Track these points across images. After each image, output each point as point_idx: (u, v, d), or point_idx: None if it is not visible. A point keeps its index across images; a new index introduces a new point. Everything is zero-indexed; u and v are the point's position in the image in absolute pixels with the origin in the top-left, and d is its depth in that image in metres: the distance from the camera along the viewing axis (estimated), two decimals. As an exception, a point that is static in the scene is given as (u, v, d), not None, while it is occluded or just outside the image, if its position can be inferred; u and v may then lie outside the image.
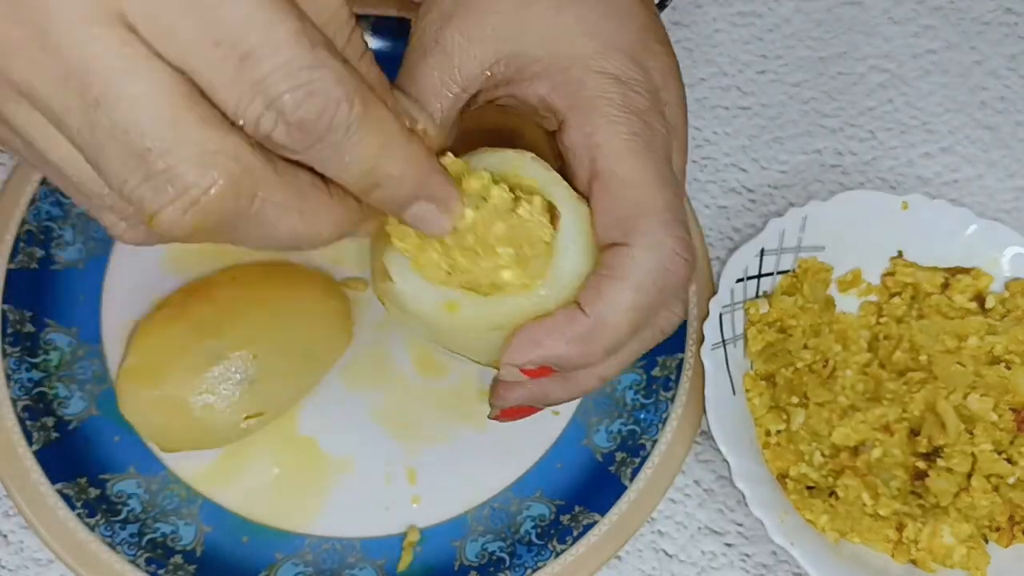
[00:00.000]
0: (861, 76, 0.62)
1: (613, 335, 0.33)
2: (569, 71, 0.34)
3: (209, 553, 0.45)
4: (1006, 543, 0.47)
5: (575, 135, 0.34)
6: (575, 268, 0.33)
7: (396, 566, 0.46)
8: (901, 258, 0.53)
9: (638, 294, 0.33)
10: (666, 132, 0.35)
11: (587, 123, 0.34)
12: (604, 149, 0.34)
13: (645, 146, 0.34)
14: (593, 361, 0.34)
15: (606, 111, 0.34)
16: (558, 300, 0.33)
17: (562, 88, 0.35)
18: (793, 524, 0.45)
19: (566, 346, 0.33)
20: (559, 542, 0.46)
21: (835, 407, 0.49)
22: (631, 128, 0.34)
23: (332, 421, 0.49)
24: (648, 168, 0.33)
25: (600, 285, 0.33)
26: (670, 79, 0.36)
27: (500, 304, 0.33)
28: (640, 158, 0.33)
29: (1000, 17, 0.65)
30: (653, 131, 0.34)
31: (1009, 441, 0.48)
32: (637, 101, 0.34)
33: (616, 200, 0.33)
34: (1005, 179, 0.60)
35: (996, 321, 0.51)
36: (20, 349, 0.47)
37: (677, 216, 0.33)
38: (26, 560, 0.45)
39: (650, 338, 0.36)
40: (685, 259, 0.33)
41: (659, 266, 0.33)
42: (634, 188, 0.33)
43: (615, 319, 0.33)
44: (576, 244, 0.33)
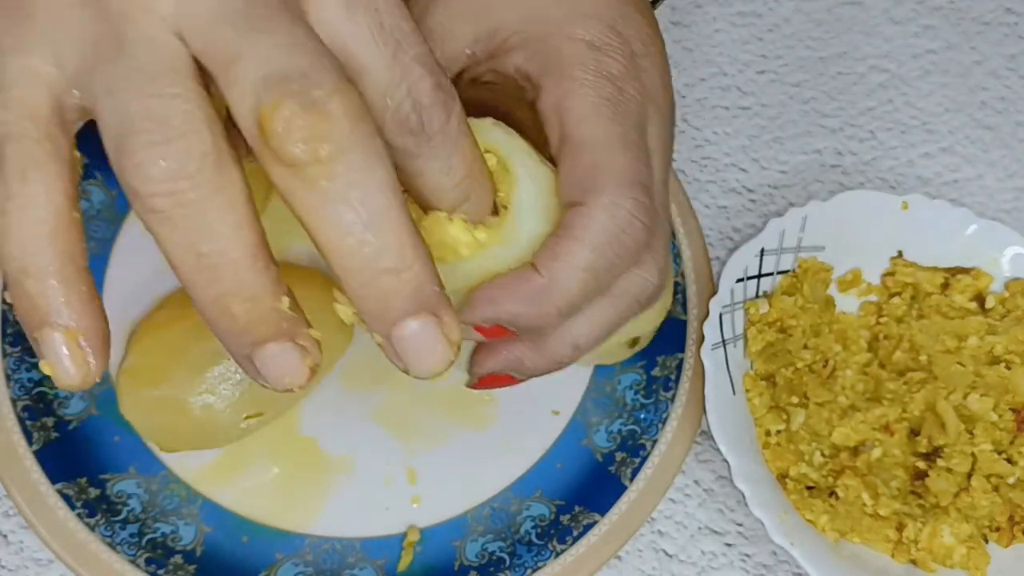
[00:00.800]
0: (861, 76, 0.62)
1: (566, 295, 0.33)
2: (544, 40, 0.35)
3: (209, 553, 0.45)
4: (1006, 543, 0.47)
5: (547, 100, 0.34)
6: (533, 229, 0.33)
7: (396, 566, 0.46)
8: (901, 258, 0.53)
9: (593, 254, 0.32)
10: (640, 98, 0.35)
11: (557, 87, 0.34)
12: (572, 112, 0.33)
13: (613, 110, 0.34)
14: (548, 322, 0.33)
15: (577, 75, 0.34)
16: (515, 261, 0.33)
17: (538, 56, 0.35)
18: (793, 524, 0.45)
19: (519, 304, 0.32)
20: (559, 542, 0.46)
21: (835, 407, 0.49)
22: (601, 92, 0.34)
23: (332, 421, 0.49)
24: (612, 131, 0.33)
25: (555, 245, 0.33)
26: (650, 46, 0.36)
27: (456, 267, 0.33)
28: (604, 120, 0.33)
29: (1000, 17, 0.65)
30: (626, 96, 0.34)
31: (1009, 441, 0.48)
32: (611, 66, 0.34)
33: (577, 161, 0.33)
34: (1005, 179, 0.60)
35: (996, 321, 0.51)
36: (20, 349, 0.47)
37: (637, 179, 0.33)
38: (26, 560, 0.45)
39: (626, 307, 0.35)
40: (642, 222, 0.33)
41: (614, 227, 0.32)
42: (595, 150, 0.33)
43: (568, 278, 0.32)
44: (535, 205, 0.33)
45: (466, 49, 0.36)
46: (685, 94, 0.60)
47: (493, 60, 0.36)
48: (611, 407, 0.50)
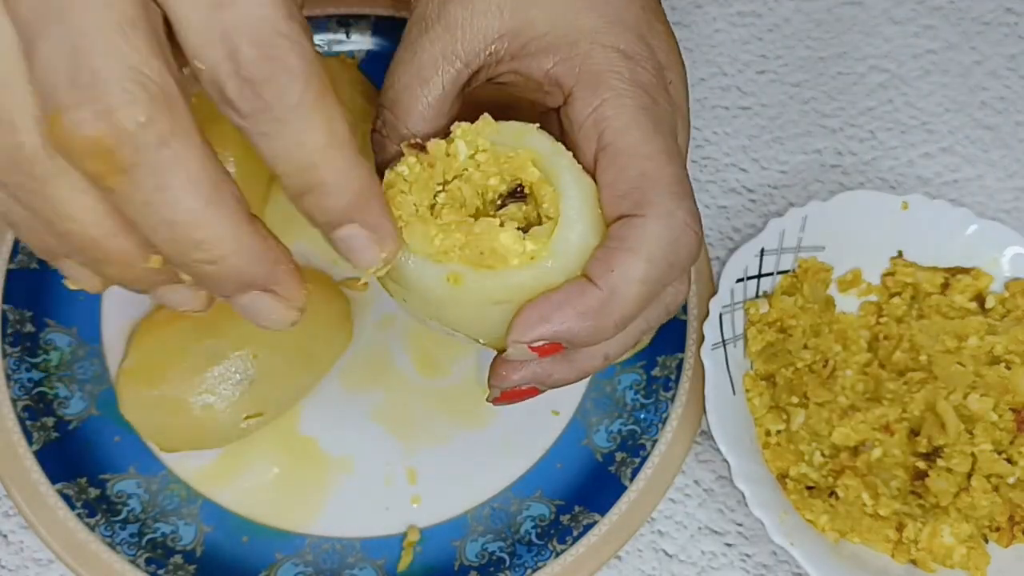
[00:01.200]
0: (861, 76, 0.62)
1: (625, 308, 0.32)
2: (576, 45, 0.34)
3: (209, 553, 0.45)
4: (1006, 543, 0.47)
5: (582, 108, 0.34)
6: (582, 240, 0.32)
7: (396, 566, 0.46)
8: (901, 258, 0.53)
9: (650, 266, 0.32)
10: (671, 109, 0.35)
11: (594, 96, 0.33)
12: (612, 122, 0.33)
13: (652, 119, 0.33)
14: (604, 336, 0.33)
15: (614, 84, 0.33)
16: (564, 274, 0.32)
17: (569, 62, 0.34)
18: (793, 524, 0.45)
19: (576, 320, 0.32)
20: (559, 542, 0.46)
21: (835, 407, 0.49)
22: (639, 102, 0.33)
23: (332, 421, 0.49)
24: (656, 141, 0.33)
25: (611, 257, 0.32)
26: (673, 58, 0.36)
27: (504, 276, 0.32)
28: (647, 131, 0.33)
29: (1000, 17, 0.65)
30: (659, 106, 0.34)
31: (1009, 441, 0.48)
32: (644, 76, 0.34)
33: (624, 172, 0.33)
34: (1005, 179, 0.60)
35: (996, 321, 0.51)
36: (20, 349, 0.47)
37: (686, 188, 0.33)
38: (26, 560, 0.45)
39: (655, 316, 0.35)
40: (695, 231, 0.33)
41: (671, 237, 0.32)
42: (643, 160, 0.33)
43: (626, 291, 0.32)
44: (582, 216, 0.32)
45: (490, 46, 0.35)
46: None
47: (516, 61, 0.35)
48: (611, 407, 0.50)
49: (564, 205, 0.32)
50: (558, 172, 0.33)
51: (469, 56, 0.35)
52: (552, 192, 0.33)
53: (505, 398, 0.37)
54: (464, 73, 0.35)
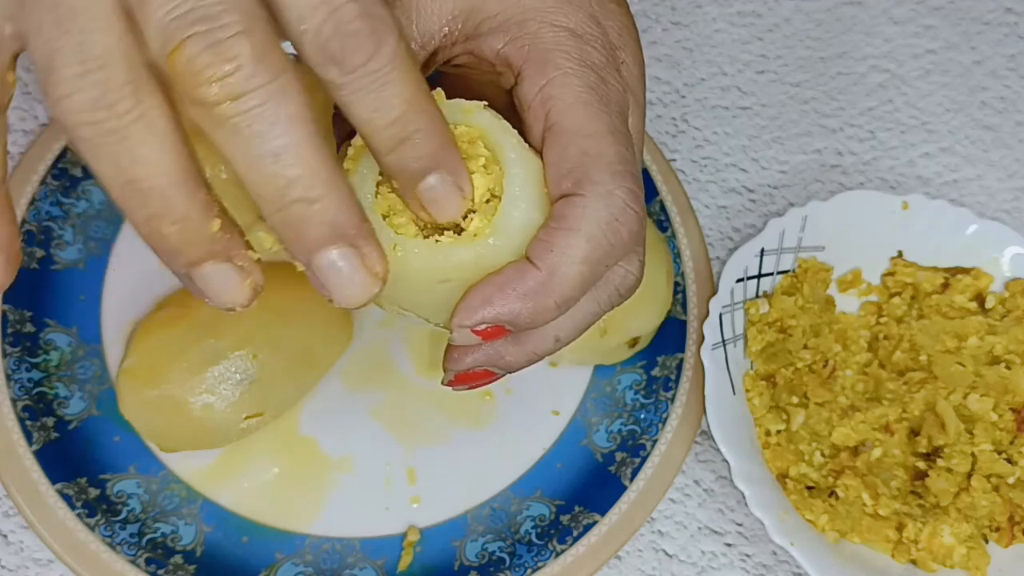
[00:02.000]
0: (861, 76, 0.62)
1: (565, 288, 0.32)
2: (525, 24, 0.34)
3: (209, 553, 0.45)
4: (1006, 543, 0.47)
5: (529, 87, 0.34)
6: (525, 218, 0.32)
7: (396, 566, 0.46)
8: (901, 258, 0.53)
9: (589, 245, 0.32)
10: (622, 89, 0.34)
11: (541, 75, 0.33)
12: (557, 101, 0.33)
13: (599, 99, 0.33)
14: (545, 318, 0.33)
15: (561, 63, 0.33)
16: (508, 252, 0.32)
17: (518, 41, 0.34)
18: (793, 524, 0.45)
19: (517, 302, 0.32)
20: (559, 542, 0.46)
21: (835, 407, 0.49)
22: (586, 81, 0.33)
23: (332, 421, 0.49)
24: (600, 119, 0.33)
25: (550, 237, 0.32)
26: (627, 38, 0.36)
27: (447, 253, 0.32)
28: (592, 110, 0.33)
29: (1000, 17, 0.65)
30: (608, 86, 0.34)
31: (1009, 441, 0.48)
32: (593, 56, 0.34)
33: (567, 150, 0.32)
34: (1005, 179, 0.60)
35: (996, 321, 0.51)
36: (20, 349, 0.47)
37: (628, 168, 0.33)
38: (26, 560, 0.45)
39: (606, 298, 0.35)
40: (635, 211, 0.32)
41: (610, 216, 0.32)
42: (585, 139, 0.32)
43: (566, 272, 0.32)
44: (526, 194, 0.32)
45: (443, 27, 0.35)
46: (685, 94, 0.60)
47: (470, 42, 0.35)
48: (611, 407, 0.50)
49: (508, 183, 0.32)
50: (503, 150, 0.33)
51: (424, 38, 0.35)
52: (498, 171, 0.33)
53: (460, 381, 0.36)
54: (421, 55, 0.35)
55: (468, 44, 0.35)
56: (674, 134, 0.59)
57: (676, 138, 0.59)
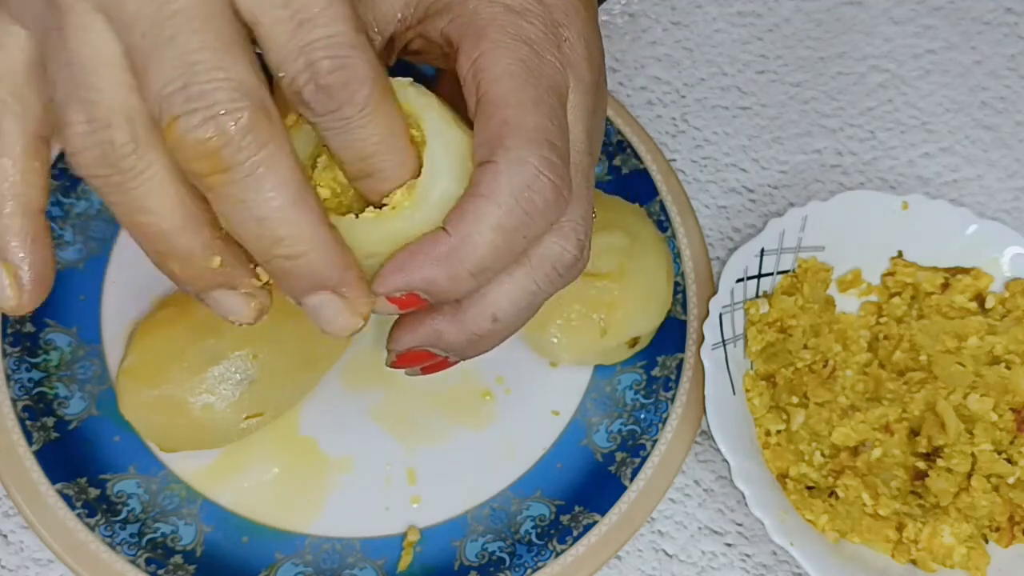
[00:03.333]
0: (861, 76, 0.62)
1: (476, 254, 0.32)
2: (466, 3, 0.35)
3: (209, 553, 0.45)
4: (1006, 543, 0.47)
5: (464, 61, 0.34)
6: (445, 191, 0.32)
7: (396, 566, 0.46)
8: (901, 258, 0.53)
9: (500, 211, 0.31)
10: (560, 66, 0.34)
11: (475, 49, 0.34)
12: (486, 73, 0.33)
13: (527, 71, 0.33)
14: (461, 286, 0.33)
15: (494, 37, 0.34)
16: (429, 225, 0.32)
17: (459, 19, 0.35)
18: (793, 524, 0.45)
19: (429, 268, 0.32)
20: (559, 542, 0.46)
21: (835, 407, 0.49)
22: (516, 54, 0.33)
23: (332, 421, 0.49)
24: (525, 91, 0.33)
25: (463, 204, 0.32)
26: (573, 17, 0.36)
27: (369, 228, 0.32)
28: (518, 81, 0.33)
29: (1000, 17, 0.65)
30: (543, 61, 0.34)
31: (1009, 441, 0.48)
32: (529, 31, 0.34)
33: (490, 120, 0.32)
34: (1005, 179, 0.60)
35: (996, 321, 0.51)
36: (20, 349, 0.47)
37: (546, 136, 0.32)
38: (26, 560, 0.45)
39: (543, 276, 0.34)
40: (550, 179, 0.32)
41: (521, 183, 0.32)
42: (507, 108, 0.32)
43: (478, 238, 0.32)
44: (447, 167, 0.32)
45: (397, 13, 0.36)
46: (685, 94, 0.60)
47: (421, 25, 0.36)
48: (611, 407, 0.50)
49: (427, 157, 0.32)
50: (425, 124, 0.33)
51: (382, 24, 0.36)
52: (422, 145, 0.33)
53: (402, 362, 0.37)
54: (378, 41, 0.36)
55: (420, 27, 0.36)
56: (674, 134, 0.59)
57: (676, 138, 0.59)
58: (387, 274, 0.32)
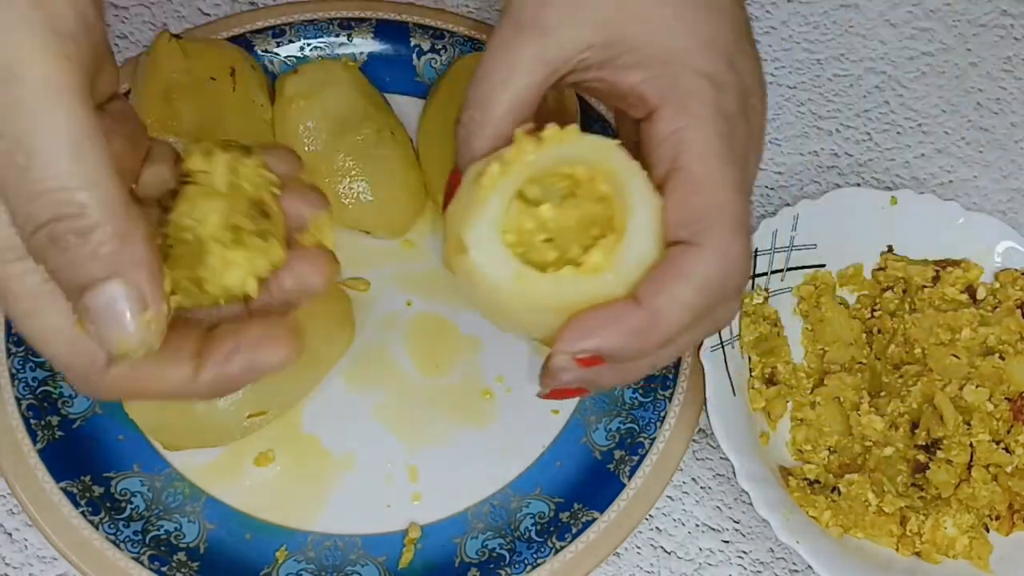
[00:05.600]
0: (857, 78, 0.62)
1: (669, 331, 0.33)
2: (668, 64, 0.35)
3: (212, 550, 0.45)
4: (1006, 531, 0.47)
5: (664, 128, 0.34)
6: (641, 258, 0.33)
7: (397, 563, 0.46)
8: (891, 253, 0.53)
9: (699, 294, 0.33)
10: (747, 135, 0.36)
11: (678, 118, 0.34)
12: (690, 147, 0.34)
13: (729, 150, 0.34)
14: (646, 354, 0.34)
15: (698, 110, 0.34)
16: (621, 286, 0.34)
17: (658, 80, 0.35)
18: (797, 522, 0.45)
19: (620, 339, 0.33)
20: (558, 539, 0.46)
21: (836, 405, 0.49)
22: (719, 130, 0.34)
23: (334, 419, 0.49)
24: (728, 172, 0.34)
25: (662, 279, 0.33)
26: (758, 81, 0.37)
27: (567, 284, 0.33)
28: (722, 161, 0.34)
29: (996, 20, 0.65)
30: (737, 135, 0.35)
31: (1006, 430, 0.49)
32: (728, 104, 0.35)
33: (692, 198, 0.33)
34: (1000, 180, 0.60)
35: (988, 312, 0.51)
36: (24, 348, 0.47)
37: (745, 223, 0.34)
38: (30, 558, 0.46)
39: (704, 332, 0.36)
40: (745, 268, 0.34)
41: (723, 270, 0.33)
42: (712, 190, 0.33)
43: (672, 316, 0.33)
44: (646, 234, 0.34)
45: (581, 54, 0.35)
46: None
47: (604, 70, 0.36)
48: (610, 405, 0.50)
49: (631, 223, 0.34)
50: (631, 191, 0.34)
51: (559, 62, 0.36)
52: (621, 208, 0.34)
53: (554, 395, 0.37)
54: (551, 78, 0.36)
55: (603, 72, 0.36)
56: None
57: (674, 140, 0.59)
58: (577, 336, 0.33)
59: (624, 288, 0.34)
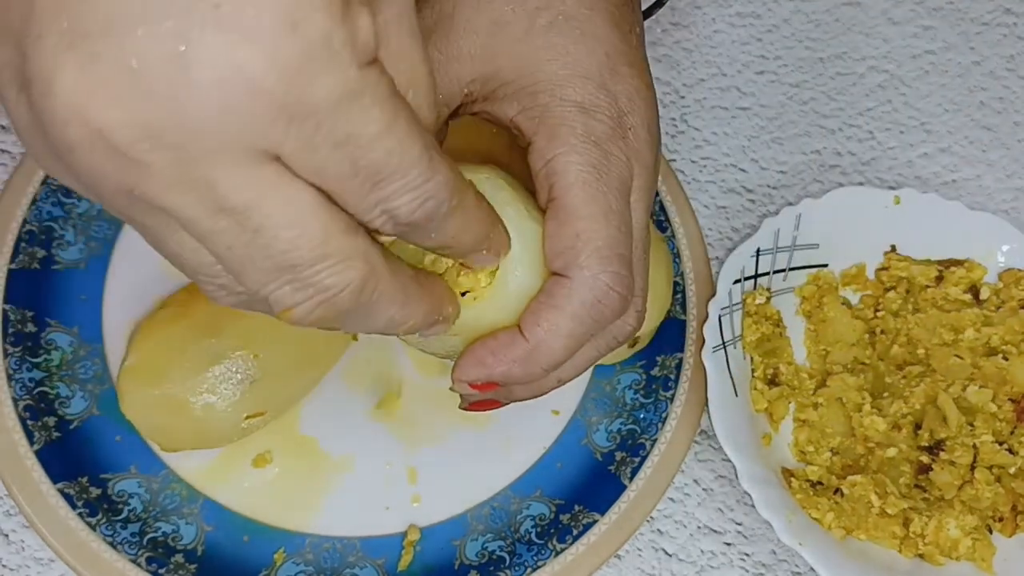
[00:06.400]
0: (860, 77, 0.62)
1: (551, 357, 0.35)
2: (536, 96, 0.36)
3: (210, 552, 0.45)
4: (1010, 532, 0.47)
5: (537, 159, 0.35)
6: (520, 286, 0.35)
7: (396, 565, 0.46)
8: (895, 252, 0.53)
9: (573, 323, 0.34)
10: (626, 159, 0.36)
11: (548, 149, 0.35)
12: (559, 178, 0.35)
13: (598, 177, 0.35)
14: (536, 378, 0.36)
15: (566, 139, 0.35)
16: (505, 313, 0.35)
17: (529, 112, 0.36)
18: (799, 523, 0.45)
19: (508, 366, 0.35)
20: (559, 541, 0.46)
21: (840, 405, 0.49)
22: (588, 158, 0.35)
23: (332, 421, 0.49)
24: (596, 201, 0.35)
25: (539, 311, 0.35)
26: (638, 102, 0.37)
27: None
28: (590, 190, 0.35)
29: (999, 18, 0.65)
30: (611, 160, 0.35)
31: (1009, 431, 0.49)
32: (598, 129, 0.35)
33: (561, 228, 0.34)
34: (1004, 179, 0.60)
35: (991, 312, 0.51)
36: (21, 349, 0.47)
37: (616, 251, 0.35)
38: (27, 559, 0.45)
39: (604, 345, 0.38)
40: (618, 293, 0.35)
41: (593, 299, 0.34)
42: (579, 220, 0.34)
43: (552, 344, 0.35)
44: (524, 264, 0.35)
45: (463, 89, 0.37)
46: (684, 94, 0.60)
47: (488, 103, 0.37)
48: (611, 407, 0.50)
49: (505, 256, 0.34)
50: (505, 220, 0.34)
51: (447, 98, 0.37)
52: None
53: (472, 408, 0.40)
54: (444, 112, 0.37)
55: (486, 105, 0.37)
56: (673, 134, 0.59)
57: (675, 138, 0.59)
58: (468, 367, 0.35)
59: (509, 316, 0.35)
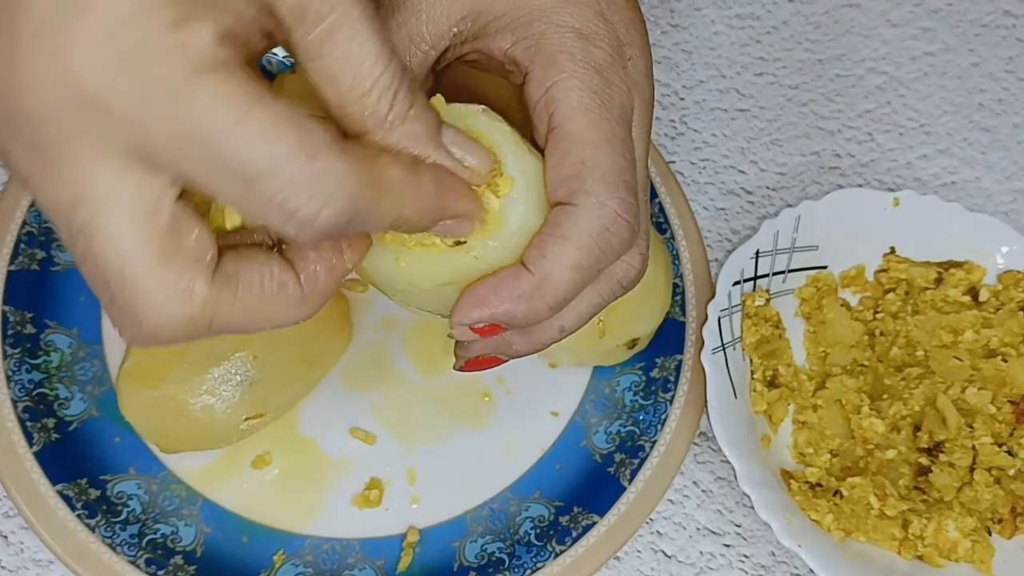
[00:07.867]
0: (859, 78, 0.62)
1: (557, 292, 0.33)
2: (531, 25, 0.34)
3: (209, 554, 0.45)
4: (1009, 534, 0.47)
5: (535, 89, 0.34)
6: (522, 223, 0.33)
7: (396, 567, 0.46)
8: (894, 254, 0.53)
9: (580, 253, 0.33)
10: (627, 89, 0.35)
11: (546, 77, 0.34)
12: (560, 105, 0.33)
13: (600, 104, 0.34)
14: (540, 317, 0.34)
15: (566, 65, 0.34)
16: (506, 253, 0.33)
17: (524, 42, 0.35)
18: (799, 525, 0.45)
19: (512, 303, 0.33)
20: (558, 543, 0.46)
21: (840, 407, 0.49)
22: (589, 84, 0.34)
23: (332, 422, 0.49)
24: (600, 127, 0.33)
25: (544, 243, 0.33)
26: (635, 34, 0.36)
27: (445, 260, 0.33)
28: (593, 116, 0.33)
29: (998, 20, 0.65)
30: (612, 88, 0.34)
31: (1008, 433, 0.49)
32: (598, 56, 0.34)
33: (565, 157, 0.33)
34: (1003, 181, 0.60)
35: (990, 314, 0.51)
36: (21, 350, 0.47)
37: (622, 177, 0.33)
38: (26, 561, 0.45)
39: (609, 291, 0.36)
40: (626, 220, 0.33)
41: (600, 227, 0.33)
42: (583, 147, 0.33)
43: (558, 277, 0.33)
44: (525, 199, 0.33)
45: (452, 28, 0.35)
46: (684, 96, 0.60)
47: (479, 40, 0.36)
48: (610, 408, 0.50)
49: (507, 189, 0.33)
50: (502, 156, 0.33)
51: (435, 38, 0.35)
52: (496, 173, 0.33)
53: (470, 367, 0.38)
54: (431, 55, 0.36)
55: (477, 43, 0.36)
56: (673, 136, 0.59)
57: (675, 140, 0.59)
58: (469, 307, 0.33)
59: (510, 255, 0.33)
